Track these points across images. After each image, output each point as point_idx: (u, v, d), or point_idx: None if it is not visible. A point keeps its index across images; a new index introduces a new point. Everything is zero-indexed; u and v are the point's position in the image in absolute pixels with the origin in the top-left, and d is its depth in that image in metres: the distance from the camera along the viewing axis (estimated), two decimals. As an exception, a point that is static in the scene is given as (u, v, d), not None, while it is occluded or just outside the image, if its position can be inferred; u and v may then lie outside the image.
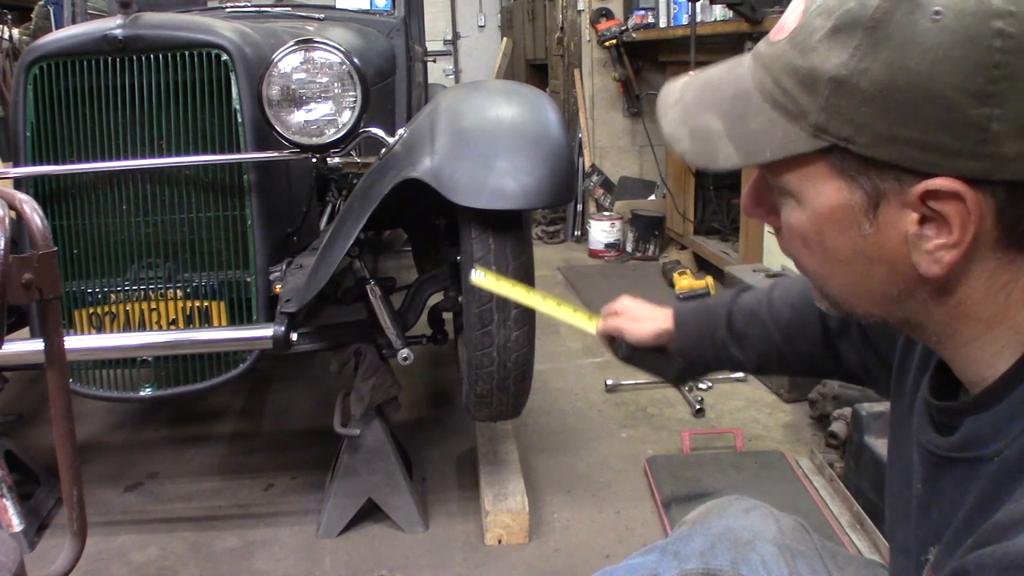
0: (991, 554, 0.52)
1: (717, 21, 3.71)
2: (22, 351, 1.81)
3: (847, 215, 0.60)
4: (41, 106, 1.87)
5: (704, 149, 0.64)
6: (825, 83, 0.56)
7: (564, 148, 1.79)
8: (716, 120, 0.63)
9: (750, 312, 1.08)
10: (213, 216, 1.93)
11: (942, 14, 0.52)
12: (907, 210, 0.57)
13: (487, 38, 8.66)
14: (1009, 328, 0.60)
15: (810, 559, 0.99)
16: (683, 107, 0.67)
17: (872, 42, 0.54)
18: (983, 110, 0.52)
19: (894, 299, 0.62)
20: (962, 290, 0.60)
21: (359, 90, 1.85)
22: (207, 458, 2.49)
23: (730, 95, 0.64)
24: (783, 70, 0.59)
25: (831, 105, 0.56)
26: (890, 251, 0.59)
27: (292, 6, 3.28)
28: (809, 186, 0.60)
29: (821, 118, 0.57)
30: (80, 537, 1.11)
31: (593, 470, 2.34)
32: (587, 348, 3.33)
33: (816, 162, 0.59)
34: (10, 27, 5.42)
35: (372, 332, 1.99)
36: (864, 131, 0.56)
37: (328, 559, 1.97)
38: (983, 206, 0.55)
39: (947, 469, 0.66)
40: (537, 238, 5.22)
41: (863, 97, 0.55)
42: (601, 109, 5.22)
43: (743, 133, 0.62)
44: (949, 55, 0.52)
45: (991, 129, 0.52)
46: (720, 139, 0.63)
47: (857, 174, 0.58)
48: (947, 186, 0.54)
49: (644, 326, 1.14)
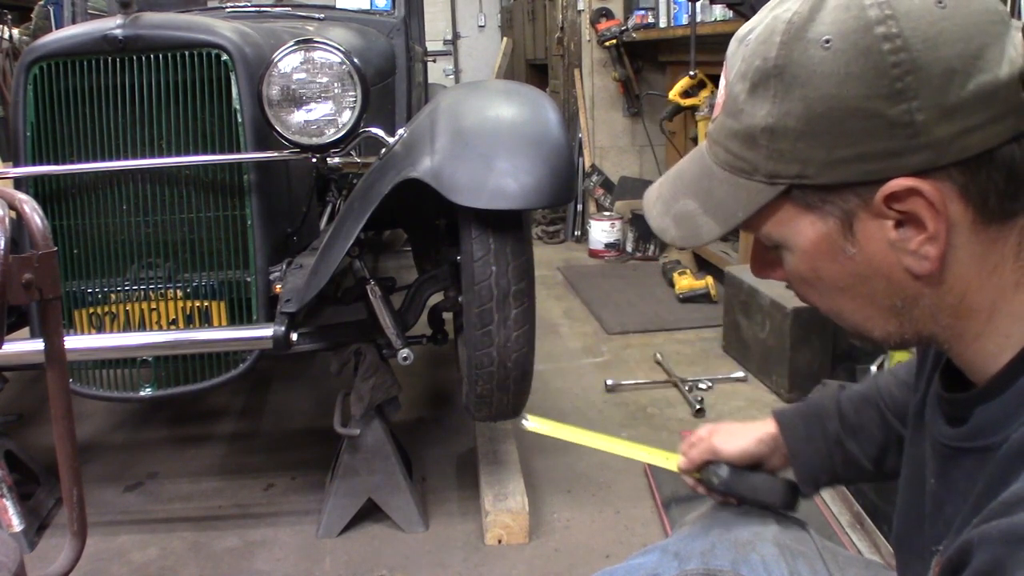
0: (996, 527, 0.53)
1: (717, 21, 3.72)
2: (22, 351, 1.81)
3: (830, 244, 0.63)
4: (41, 106, 1.87)
5: (689, 230, 0.69)
6: (760, 134, 0.61)
7: (564, 148, 1.79)
8: (691, 201, 0.69)
9: (860, 398, 1.01)
10: (213, 216, 1.93)
11: (831, 40, 0.57)
12: (880, 220, 0.60)
13: (487, 38, 8.66)
14: (1008, 316, 0.62)
15: (810, 559, 0.99)
16: (663, 201, 0.72)
17: (784, 86, 0.59)
18: (901, 106, 0.56)
19: (901, 311, 0.64)
20: (958, 282, 0.62)
21: (359, 90, 1.85)
22: (207, 458, 2.49)
23: (696, 175, 0.69)
24: (727, 137, 0.65)
25: (773, 152, 0.61)
26: (880, 263, 0.62)
27: (292, 6, 3.28)
28: (788, 230, 0.65)
29: (769, 166, 0.62)
30: (80, 537, 1.11)
31: (593, 470, 2.34)
32: (587, 348, 3.33)
33: (783, 206, 0.63)
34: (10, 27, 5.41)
35: (372, 332, 1.99)
36: (809, 164, 0.60)
37: (328, 559, 1.97)
38: (944, 192, 0.58)
39: (958, 460, 0.67)
40: (537, 238, 5.22)
41: (795, 135, 0.59)
42: (601, 109, 5.22)
43: (715, 204, 0.67)
44: (850, 72, 0.57)
45: (917, 120, 0.56)
46: (699, 216, 0.68)
47: (822, 203, 0.61)
48: (902, 185, 0.58)
49: (742, 438, 1.04)
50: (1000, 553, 0.52)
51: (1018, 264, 0.61)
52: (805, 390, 2.58)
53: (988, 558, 0.53)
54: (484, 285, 1.76)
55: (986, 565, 0.53)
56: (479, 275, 1.76)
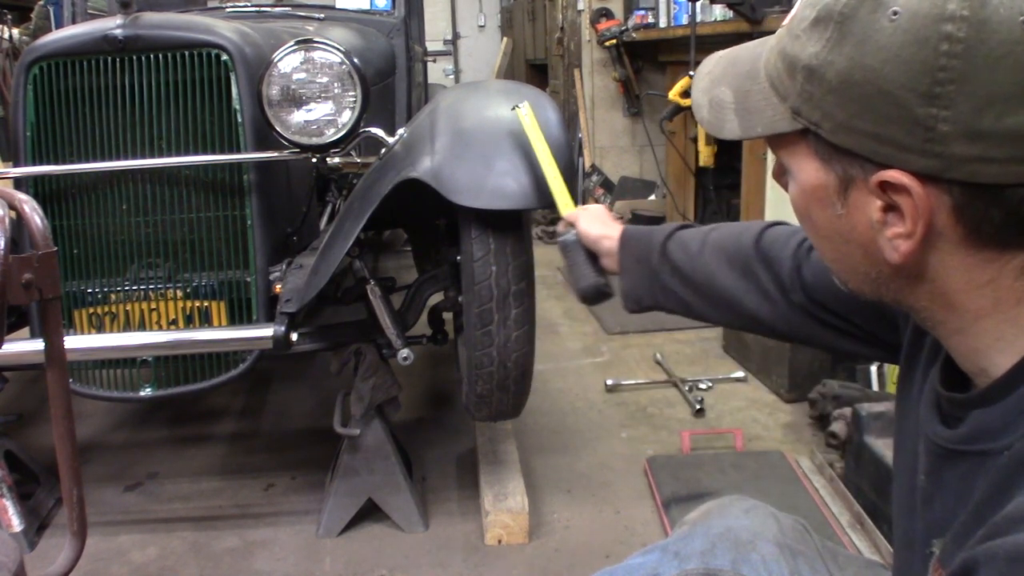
0: (1001, 545, 0.53)
1: (717, 21, 3.72)
2: (22, 351, 1.81)
3: (824, 194, 0.64)
4: (41, 106, 1.87)
5: (716, 118, 0.70)
6: (800, 70, 0.61)
7: (564, 148, 1.79)
8: (730, 93, 0.69)
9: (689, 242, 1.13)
10: (213, 216, 1.93)
11: (899, 14, 0.55)
12: (872, 197, 0.61)
13: (487, 38, 8.66)
14: (1003, 321, 0.61)
15: (811, 559, 0.99)
16: (711, 78, 0.73)
17: (840, 36, 0.58)
18: (929, 110, 0.55)
19: (875, 280, 0.66)
20: (937, 281, 0.62)
21: (359, 90, 1.85)
22: (207, 458, 2.49)
23: (745, 72, 0.69)
24: (779, 53, 0.65)
25: (804, 91, 0.61)
26: (860, 234, 0.63)
27: (292, 6, 3.28)
28: (796, 163, 0.66)
29: (797, 102, 0.62)
30: (80, 537, 1.11)
31: (593, 470, 2.34)
32: (587, 348, 3.33)
33: (798, 142, 0.64)
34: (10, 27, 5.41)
35: (372, 332, 1.99)
36: (829, 118, 0.60)
37: (328, 559, 1.97)
38: (934, 202, 0.57)
39: (952, 462, 0.67)
40: (537, 238, 5.22)
41: (828, 87, 0.59)
42: (601, 109, 5.22)
43: (745, 108, 0.67)
44: (900, 54, 0.55)
45: (938, 129, 0.55)
46: (728, 111, 0.69)
47: (829, 158, 0.62)
48: (896, 178, 0.58)
49: (596, 225, 1.27)
50: (1005, 572, 0.52)
51: (1019, 283, 0.60)
52: (805, 390, 2.58)
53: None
54: (484, 285, 1.76)
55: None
56: (479, 275, 1.76)
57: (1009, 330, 0.61)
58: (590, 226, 1.29)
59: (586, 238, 1.29)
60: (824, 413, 2.39)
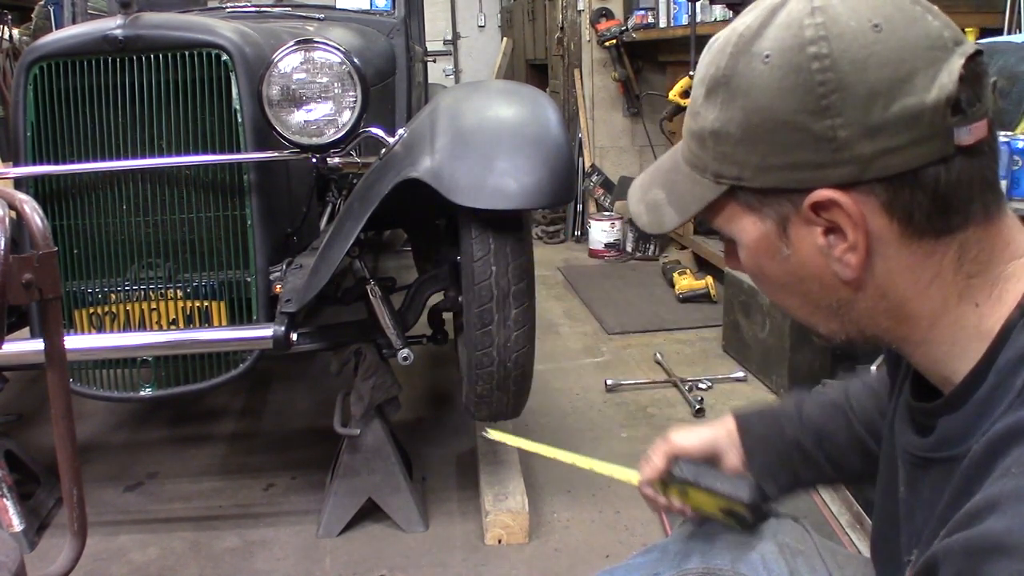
0: (957, 540, 0.55)
1: (717, 21, 3.72)
2: (22, 351, 1.81)
3: (768, 243, 0.67)
4: (41, 106, 1.87)
5: (655, 217, 0.73)
6: (708, 137, 0.66)
7: (564, 148, 1.79)
8: (660, 191, 0.73)
9: (827, 402, 0.99)
10: (213, 216, 1.93)
11: (770, 56, 0.62)
12: (811, 226, 0.64)
13: (487, 38, 8.66)
14: (952, 324, 0.64)
15: (810, 558, 0.99)
16: (642, 188, 0.77)
17: (729, 94, 0.64)
18: (825, 122, 0.59)
19: (838, 311, 0.68)
20: (890, 292, 0.64)
21: (359, 90, 1.85)
22: (207, 458, 2.49)
23: (666, 168, 0.74)
24: (688, 135, 0.70)
25: (717, 154, 0.65)
26: (812, 266, 0.66)
27: (292, 6, 3.28)
28: (735, 227, 0.69)
29: (715, 166, 0.66)
30: (80, 537, 1.11)
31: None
32: (587, 348, 3.33)
33: (730, 205, 0.67)
34: (10, 27, 5.41)
35: (372, 332, 1.99)
36: (746, 167, 0.64)
37: (328, 559, 1.97)
38: (864, 207, 0.61)
39: (925, 470, 0.68)
40: (537, 238, 5.22)
41: (735, 140, 0.64)
42: (601, 109, 5.22)
43: (676, 196, 0.71)
44: (782, 86, 0.60)
45: (839, 137, 0.59)
46: (664, 206, 0.73)
47: (760, 205, 0.65)
48: (824, 196, 0.61)
49: (700, 432, 1.01)
50: (963, 567, 0.53)
51: (959, 277, 0.63)
52: (805, 390, 2.58)
53: (953, 571, 0.54)
54: (484, 285, 1.77)
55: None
56: (479, 275, 1.76)
57: (961, 334, 0.64)
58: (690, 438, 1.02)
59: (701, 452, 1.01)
60: (824, 413, 2.39)
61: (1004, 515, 0.53)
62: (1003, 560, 0.51)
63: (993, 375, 0.61)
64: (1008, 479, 0.54)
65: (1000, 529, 0.52)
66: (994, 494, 0.54)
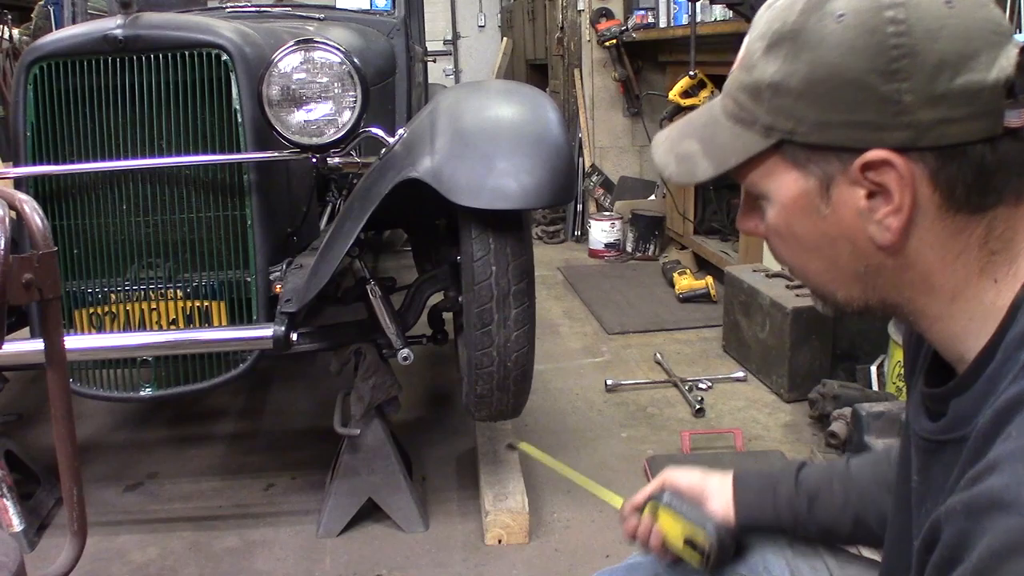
0: (958, 500, 0.57)
1: (717, 21, 3.71)
2: (22, 351, 1.81)
3: (806, 201, 0.68)
4: (41, 106, 1.87)
5: (686, 168, 0.74)
6: (766, 89, 0.67)
7: (564, 148, 1.79)
8: (694, 143, 0.74)
9: (824, 469, 1.00)
10: (213, 216, 1.93)
11: (844, 15, 0.63)
12: (855, 187, 0.65)
13: (487, 38, 8.66)
14: (972, 299, 0.66)
15: (810, 558, 0.99)
16: (670, 141, 0.77)
17: (795, 49, 0.65)
18: (892, 85, 0.61)
19: (863, 277, 0.69)
20: (919, 260, 0.66)
21: (359, 90, 1.85)
22: (207, 458, 2.49)
23: (703, 122, 0.74)
24: (737, 89, 0.70)
25: (773, 106, 0.66)
26: (847, 228, 0.67)
27: (292, 6, 3.28)
28: (772, 182, 0.69)
29: (768, 119, 0.67)
30: (80, 537, 1.11)
31: (593, 470, 2.34)
32: (587, 348, 3.33)
33: (772, 158, 0.68)
34: (10, 27, 5.41)
35: (372, 332, 1.99)
36: (802, 122, 0.65)
37: (328, 559, 1.97)
38: (915, 171, 0.62)
39: (937, 455, 0.69)
40: (537, 238, 5.22)
41: (796, 94, 0.65)
42: (601, 109, 5.22)
43: (714, 148, 0.72)
44: (855, 46, 0.62)
45: (903, 101, 0.61)
46: (698, 157, 0.73)
47: (806, 162, 0.66)
48: (879, 156, 0.62)
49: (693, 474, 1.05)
50: (965, 526, 0.55)
51: (983, 252, 0.65)
52: (805, 390, 2.58)
53: (954, 531, 0.56)
54: (484, 285, 1.77)
55: (953, 539, 0.56)
56: (479, 275, 1.76)
57: (979, 310, 0.65)
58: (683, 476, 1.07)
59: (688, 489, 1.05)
60: (824, 413, 2.39)
61: (1003, 473, 0.54)
62: (1001, 515, 0.53)
63: (1001, 352, 0.63)
64: (1008, 442, 0.56)
65: (998, 486, 0.54)
66: (994, 456, 0.56)
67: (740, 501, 1.01)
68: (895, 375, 2.38)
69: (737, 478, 1.03)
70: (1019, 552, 0.51)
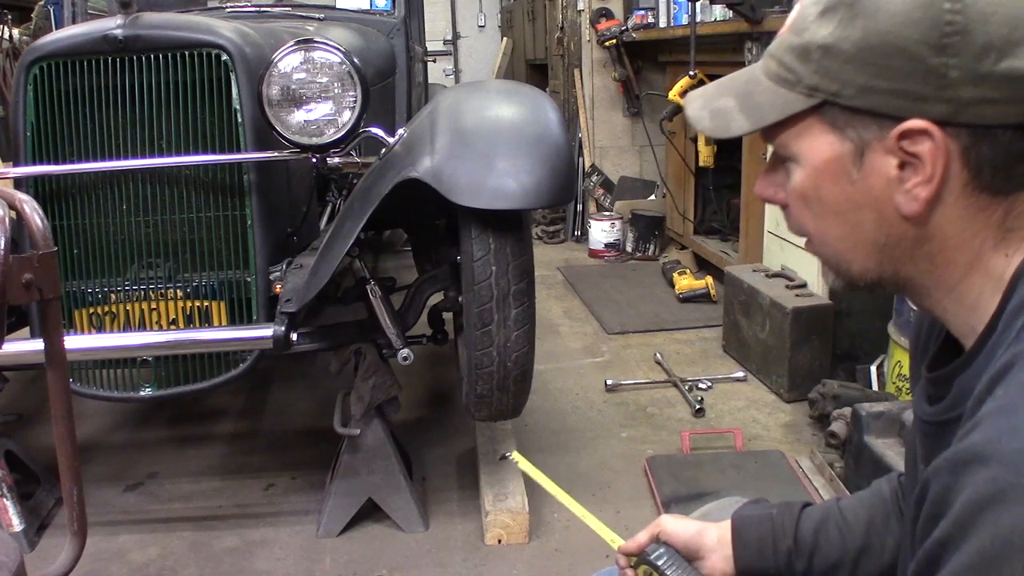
0: (944, 456, 0.59)
1: (717, 21, 3.71)
2: (22, 351, 1.81)
3: (838, 166, 0.69)
4: (41, 106, 1.87)
5: (720, 123, 0.75)
6: (815, 50, 0.68)
7: (564, 148, 1.79)
8: (731, 100, 0.75)
9: (820, 519, 0.97)
10: (213, 216, 1.93)
11: None
12: (888, 156, 0.67)
13: (487, 38, 8.66)
14: (983, 273, 0.68)
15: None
16: (705, 97, 0.78)
17: (851, 14, 0.66)
18: (941, 59, 0.63)
19: (883, 247, 0.71)
20: (938, 234, 0.68)
21: (359, 90, 1.85)
22: (207, 458, 2.49)
23: (742, 81, 0.76)
24: (784, 50, 0.71)
25: (821, 68, 0.68)
26: (876, 195, 0.69)
27: (292, 6, 3.28)
28: (806, 143, 0.71)
29: (813, 79, 0.68)
30: (80, 537, 1.11)
31: (593, 470, 2.34)
32: (587, 348, 3.33)
33: (810, 119, 0.70)
34: (10, 27, 5.42)
35: (372, 332, 1.99)
36: (849, 86, 0.67)
37: (328, 559, 1.97)
38: (949, 145, 0.64)
39: (940, 437, 0.69)
40: (537, 238, 5.22)
41: (846, 57, 0.66)
42: (601, 109, 5.22)
43: (752, 105, 0.73)
44: (910, 17, 0.64)
45: (949, 76, 0.63)
46: (734, 113, 0.74)
47: (845, 125, 0.68)
48: (919, 125, 0.64)
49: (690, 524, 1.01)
50: (948, 481, 0.57)
51: (1000, 231, 0.67)
52: (805, 390, 2.58)
53: (939, 487, 0.58)
54: (484, 285, 1.76)
55: (938, 495, 0.58)
56: (479, 275, 1.76)
57: (988, 284, 0.68)
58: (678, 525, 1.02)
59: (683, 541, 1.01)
60: (824, 413, 2.39)
61: (984, 429, 0.57)
62: (981, 468, 0.55)
63: (1002, 323, 0.65)
64: (994, 401, 0.59)
65: (980, 440, 0.56)
66: (979, 416, 0.59)
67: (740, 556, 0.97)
68: (895, 375, 2.38)
69: (736, 532, 0.99)
70: (997, 502, 0.53)
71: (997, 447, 0.55)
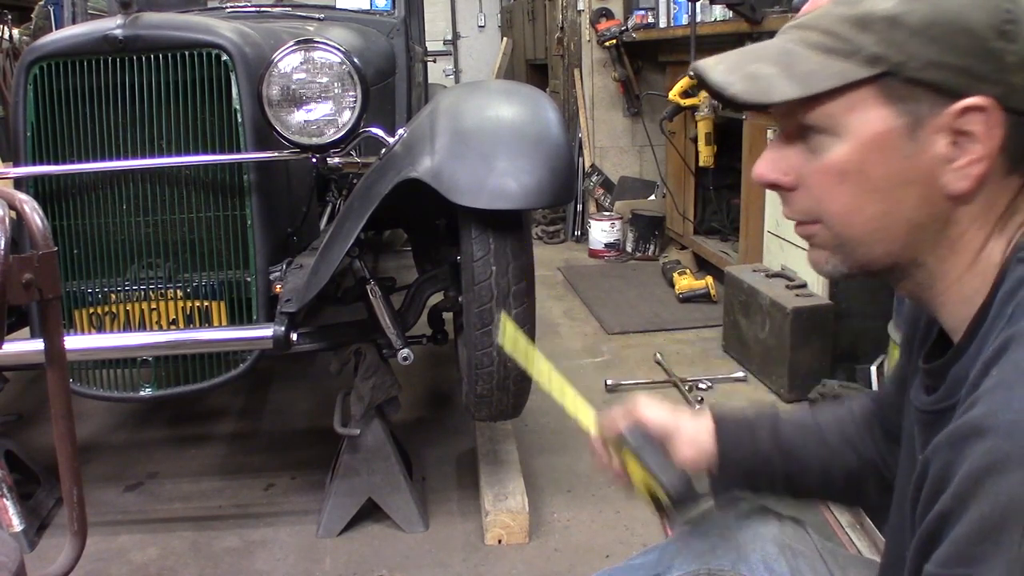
0: (943, 434, 0.60)
1: (717, 21, 3.71)
2: (22, 351, 1.81)
3: (889, 140, 0.69)
4: (41, 106, 1.87)
5: (758, 87, 0.71)
6: (878, 21, 0.68)
7: (564, 148, 1.79)
8: (769, 67, 0.72)
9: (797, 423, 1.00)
10: (213, 216, 1.93)
11: None
12: (939, 134, 0.67)
13: (487, 38, 8.66)
14: (986, 259, 0.70)
15: (811, 559, 0.99)
16: (728, 64, 0.74)
17: None
18: (1000, 43, 0.65)
19: (916, 227, 0.70)
20: (965, 217, 0.69)
21: (359, 90, 1.85)
22: (207, 458, 2.49)
23: (773, 52, 0.73)
24: (834, 21, 0.70)
25: (885, 38, 0.67)
26: (924, 173, 0.68)
27: (292, 6, 3.28)
28: (856, 116, 0.69)
29: (876, 49, 0.68)
30: (80, 537, 1.11)
31: (593, 470, 2.34)
32: (587, 348, 3.33)
33: (864, 90, 0.69)
34: (10, 27, 5.41)
35: (372, 332, 1.99)
36: (915, 58, 0.67)
37: (328, 559, 1.97)
38: (998, 126, 0.66)
39: (936, 425, 0.69)
40: (537, 238, 5.22)
41: (912, 30, 0.67)
42: (601, 109, 5.21)
43: (798, 73, 0.70)
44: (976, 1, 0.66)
45: (1006, 60, 0.66)
46: (775, 79, 0.71)
47: (903, 99, 0.68)
48: (979, 101, 0.66)
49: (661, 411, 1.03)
50: (948, 456, 0.58)
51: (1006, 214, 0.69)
52: (805, 390, 2.58)
53: (940, 464, 0.59)
54: (484, 285, 1.77)
55: (938, 472, 0.59)
56: (479, 275, 1.76)
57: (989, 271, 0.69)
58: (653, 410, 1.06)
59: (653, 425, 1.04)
60: (824, 413, 2.39)
61: (982, 404, 0.58)
62: (980, 441, 0.56)
63: (992, 309, 0.66)
64: (988, 380, 0.60)
65: (977, 415, 0.57)
66: (976, 395, 0.60)
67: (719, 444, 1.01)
68: (895, 375, 2.37)
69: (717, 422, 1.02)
70: (995, 471, 0.54)
71: (994, 420, 0.56)
